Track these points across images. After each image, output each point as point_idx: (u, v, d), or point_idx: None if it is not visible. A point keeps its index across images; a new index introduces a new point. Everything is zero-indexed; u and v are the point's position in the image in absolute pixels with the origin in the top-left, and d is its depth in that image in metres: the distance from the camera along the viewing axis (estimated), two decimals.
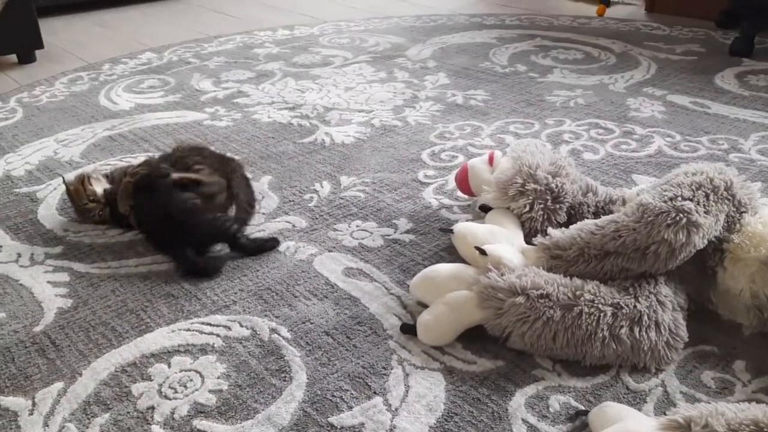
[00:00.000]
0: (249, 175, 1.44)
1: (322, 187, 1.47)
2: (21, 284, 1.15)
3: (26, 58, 2.45)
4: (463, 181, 1.27)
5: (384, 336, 1.01)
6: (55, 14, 3.11)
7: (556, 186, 1.14)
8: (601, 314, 0.91)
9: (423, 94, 2.01)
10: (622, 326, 0.91)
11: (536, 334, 0.92)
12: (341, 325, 1.04)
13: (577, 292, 0.93)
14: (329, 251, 1.24)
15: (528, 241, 1.11)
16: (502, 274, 0.98)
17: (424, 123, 1.80)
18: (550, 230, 1.06)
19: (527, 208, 1.13)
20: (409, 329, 1.01)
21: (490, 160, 1.25)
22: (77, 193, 1.30)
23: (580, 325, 0.91)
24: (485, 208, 1.19)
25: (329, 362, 0.97)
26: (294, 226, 1.32)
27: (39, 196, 1.45)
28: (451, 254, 1.21)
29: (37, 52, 2.48)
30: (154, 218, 1.23)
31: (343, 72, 2.24)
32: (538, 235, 1.06)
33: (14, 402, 0.90)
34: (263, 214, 1.37)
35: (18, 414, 0.88)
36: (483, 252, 1.01)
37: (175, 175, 1.25)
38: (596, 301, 0.92)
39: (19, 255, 1.24)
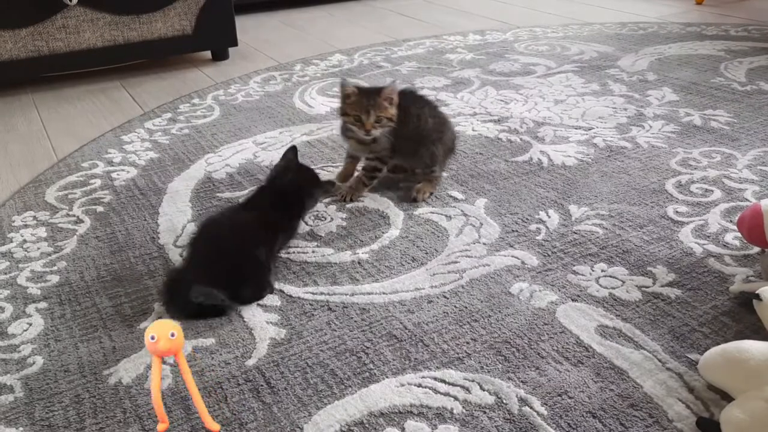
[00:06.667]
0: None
1: (549, 216, 1.26)
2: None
3: (220, 55, 2.45)
4: (755, 229, 1.00)
5: (671, 429, 0.79)
6: (244, 12, 3.13)
7: None
8: None
9: (649, 112, 1.74)
10: None
11: None
12: (609, 405, 0.82)
13: None
14: (573, 300, 1.02)
15: None
16: None
17: (658, 146, 1.54)
18: None
19: None
20: (708, 427, 0.77)
21: None
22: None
23: None
24: None
25: None
26: (524, 263, 1.12)
27: None
28: (737, 321, 0.95)
29: (230, 50, 2.48)
30: None
31: (549, 82, 2.02)
32: None
33: None
34: (484, 244, 1.18)
35: None
36: None
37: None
38: None
39: None
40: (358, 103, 1.28)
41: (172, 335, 0.78)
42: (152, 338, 0.77)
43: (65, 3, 2.05)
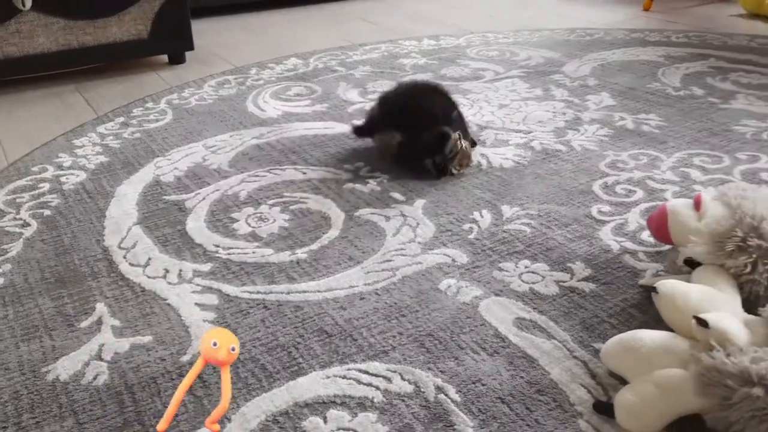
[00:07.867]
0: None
1: (482, 216, 1.33)
2: (168, 304, 1.09)
3: (177, 59, 2.48)
4: (661, 228, 1.08)
5: (572, 412, 0.85)
6: (202, 16, 3.16)
7: None
8: None
9: (587, 116, 1.82)
10: None
11: None
12: (518, 391, 0.89)
13: None
14: (496, 295, 1.09)
15: (747, 309, 0.91)
16: (728, 354, 0.79)
17: (591, 149, 1.62)
18: None
19: (748, 269, 0.94)
20: (604, 409, 0.84)
21: (697, 204, 1.05)
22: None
23: None
24: (692, 263, 1.00)
25: None
26: (454, 260, 1.19)
27: (188, 206, 1.40)
28: (643, 313, 1.03)
29: (188, 54, 2.51)
30: None
31: (495, 87, 2.09)
32: (767, 305, 0.87)
33: None
34: (419, 243, 1.24)
35: None
36: (704, 323, 0.82)
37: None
38: None
39: (167, 271, 1.18)
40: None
41: (233, 349, 0.83)
42: (214, 344, 0.81)
43: (18, 8, 2.07)
